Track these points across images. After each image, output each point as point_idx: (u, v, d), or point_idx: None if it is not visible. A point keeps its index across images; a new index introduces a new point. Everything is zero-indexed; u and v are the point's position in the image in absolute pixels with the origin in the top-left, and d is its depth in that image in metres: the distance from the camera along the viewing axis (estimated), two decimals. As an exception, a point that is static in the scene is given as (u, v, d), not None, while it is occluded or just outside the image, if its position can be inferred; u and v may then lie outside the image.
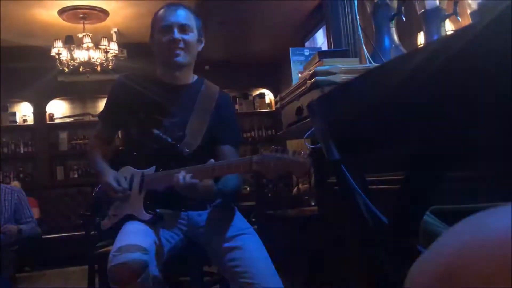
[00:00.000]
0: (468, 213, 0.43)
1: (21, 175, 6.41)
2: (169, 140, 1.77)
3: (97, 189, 1.92)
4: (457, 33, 0.51)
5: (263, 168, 1.43)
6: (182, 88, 1.86)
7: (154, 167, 1.75)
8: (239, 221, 1.81)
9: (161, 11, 1.83)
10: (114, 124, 1.95)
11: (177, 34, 1.76)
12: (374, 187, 1.14)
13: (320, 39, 5.36)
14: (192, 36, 1.80)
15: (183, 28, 1.78)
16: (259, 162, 1.43)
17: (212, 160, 1.61)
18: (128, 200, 1.75)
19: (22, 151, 6.53)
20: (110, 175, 1.76)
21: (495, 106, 0.46)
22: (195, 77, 1.93)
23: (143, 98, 1.82)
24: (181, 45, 1.77)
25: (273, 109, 7.15)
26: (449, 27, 2.49)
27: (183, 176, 1.57)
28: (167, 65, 1.83)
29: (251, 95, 7.43)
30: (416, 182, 0.55)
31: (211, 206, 1.83)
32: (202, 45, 1.89)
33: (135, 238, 1.59)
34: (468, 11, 1.68)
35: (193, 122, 1.80)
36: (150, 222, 1.70)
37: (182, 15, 1.80)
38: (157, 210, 1.72)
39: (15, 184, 5.33)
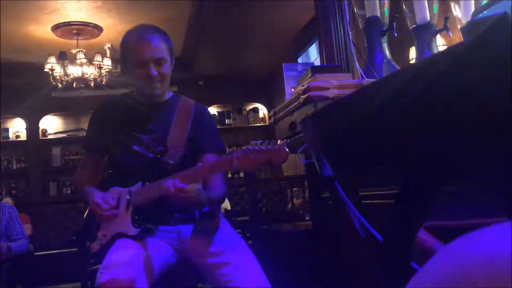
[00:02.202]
0: (462, 230, 0.43)
1: (14, 191, 6.37)
2: (151, 155, 1.80)
3: (86, 214, 1.93)
4: (449, 49, 0.52)
5: (244, 162, 1.47)
6: (159, 105, 1.90)
7: (140, 182, 1.76)
8: (229, 234, 1.81)
9: (133, 40, 1.78)
10: (98, 150, 1.96)
11: (153, 70, 1.77)
12: (368, 201, 1.14)
13: (313, 54, 5.40)
14: (167, 66, 1.81)
15: (159, 62, 1.78)
16: (240, 157, 1.48)
17: (200, 164, 1.63)
18: (116, 218, 1.76)
19: (14, 167, 6.50)
20: (97, 196, 1.77)
21: (489, 122, 0.47)
22: (171, 93, 1.97)
23: (122, 119, 1.88)
24: (158, 79, 1.80)
25: (267, 123, 7.17)
26: (440, 42, 2.52)
27: (171, 182, 1.58)
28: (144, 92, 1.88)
29: (245, 109, 7.45)
30: (410, 198, 0.55)
31: (199, 216, 1.82)
32: (173, 61, 1.89)
33: (122, 255, 1.59)
34: (459, 27, 1.70)
35: (173, 135, 1.83)
36: (138, 237, 1.70)
37: (157, 48, 1.77)
38: (145, 224, 1.72)
39: (8, 200, 5.28)
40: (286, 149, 1.44)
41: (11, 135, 6.58)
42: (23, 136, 6.59)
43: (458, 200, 0.72)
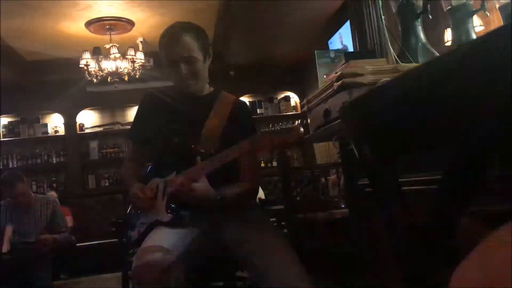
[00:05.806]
0: (507, 215, 0.43)
1: (54, 185, 6.57)
2: (186, 145, 1.84)
3: (129, 208, 2.01)
4: (496, 31, 0.51)
5: (260, 144, 1.53)
6: (199, 99, 1.95)
7: (175, 172, 1.80)
8: (263, 222, 1.83)
9: (164, 40, 1.84)
10: (142, 141, 2.02)
11: (184, 69, 1.81)
12: (412, 187, 1.13)
13: (346, 38, 5.31)
14: (198, 64, 1.85)
15: (189, 60, 1.82)
16: (256, 141, 1.53)
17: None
18: (154, 207, 1.81)
19: (54, 161, 6.69)
20: (136, 187, 1.83)
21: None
22: (212, 88, 2.02)
23: (164, 112, 1.94)
24: (190, 77, 1.84)
25: (299, 112, 7.13)
26: (476, 22, 2.44)
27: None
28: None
29: (276, 98, 7.43)
30: (455, 183, 0.54)
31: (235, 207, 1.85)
32: (211, 57, 1.94)
33: (158, 240, 1.65)
34: (497, 5, 1.64)
35: (209, 127, 1.88)
36: (172, 224, 1.75)
37: (186, 47, 1.80)
38: (180, 212, 1.76)
39: (52, 194, 5.47)
40: (301, 128, 1.49)
41: (50, 130, 6.78)
42: (61, 131, 6.77)
43: (503, 184, 0.71)
